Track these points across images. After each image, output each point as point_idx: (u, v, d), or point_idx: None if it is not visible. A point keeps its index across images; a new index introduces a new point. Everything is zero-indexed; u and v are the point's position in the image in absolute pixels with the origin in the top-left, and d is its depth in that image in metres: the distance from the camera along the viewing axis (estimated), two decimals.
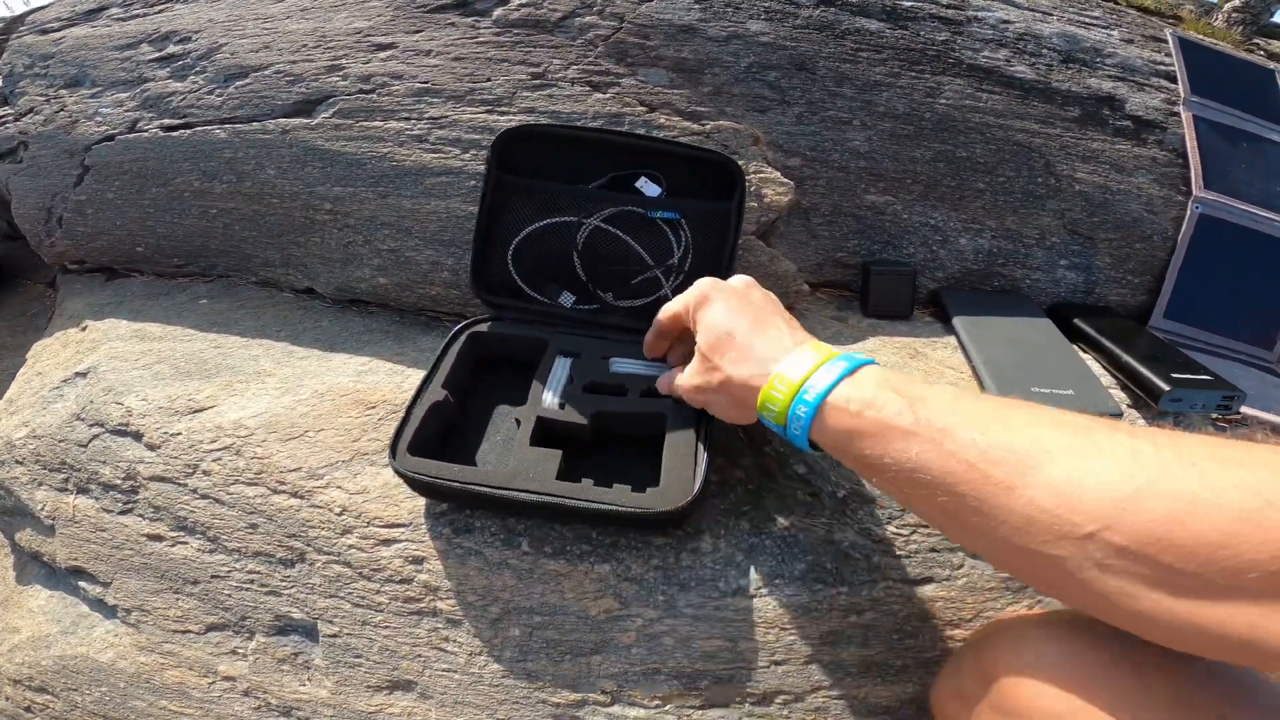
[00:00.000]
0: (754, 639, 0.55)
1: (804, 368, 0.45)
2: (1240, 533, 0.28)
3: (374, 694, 0.56)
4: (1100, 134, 0.88)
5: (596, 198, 0.71)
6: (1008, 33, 0.91)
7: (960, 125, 0.84)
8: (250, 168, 0.82)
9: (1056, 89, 0.88)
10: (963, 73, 0.86)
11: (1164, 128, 0.91)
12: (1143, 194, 0.88)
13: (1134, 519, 0.30)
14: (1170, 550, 0.29)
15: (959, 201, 0.84)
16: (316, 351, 0.76)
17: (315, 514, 0.60)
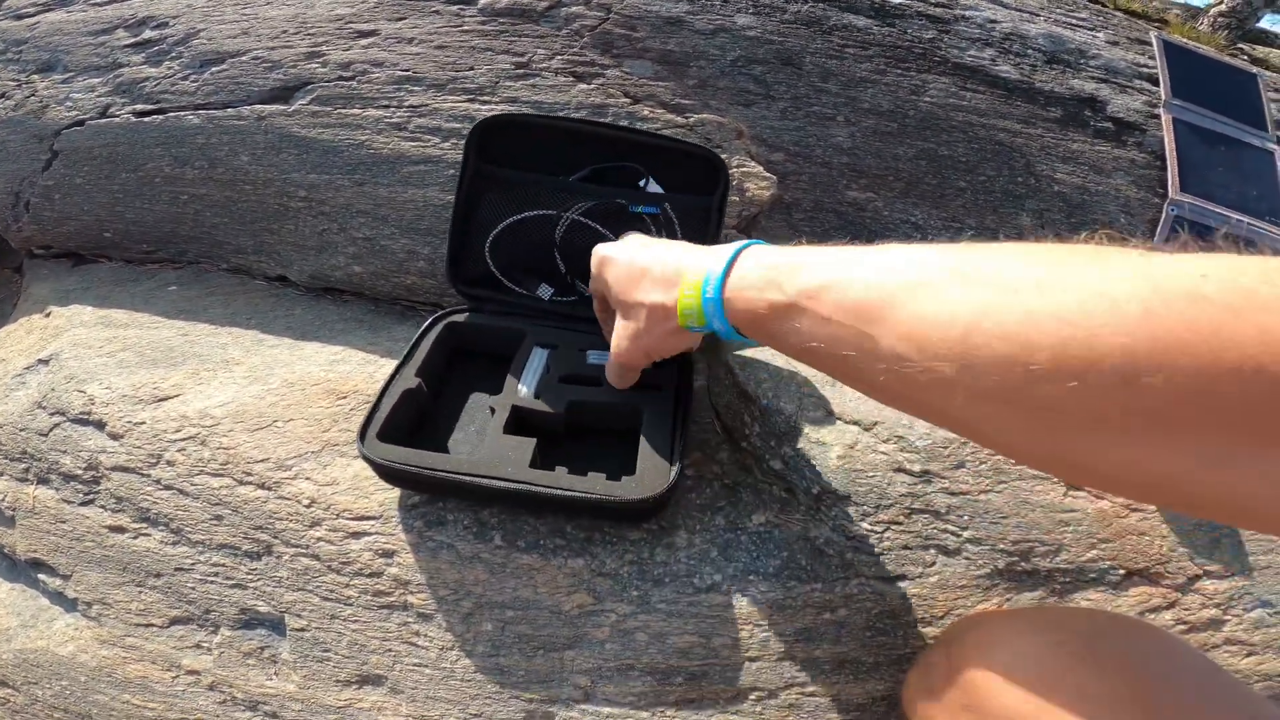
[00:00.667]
0: (728, 635, 0.55)
1: (700, 265, 0.45)
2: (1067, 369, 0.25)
3: (343, 688, 0.56)
4: (1081, 135, 0.89)
5: (576, 190, 0.70)
6: (994, 32, 0.91)
7: (944, 124, 0.84)
8: (223, 154, 0.81)
9: (1040, 89, 0.89)
10: (948, 71, 0.86)
11: (1144, 130, 0.92)
12: (1120, 195, 0.89)
13: (976, 357, 0.28)
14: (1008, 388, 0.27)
15: (940, 199, 0.84)
16: (288, 340, 0.75)
17: (283, 506, 0.59)
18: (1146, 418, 0.23)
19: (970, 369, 0.28)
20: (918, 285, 0.31)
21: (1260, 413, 0.20)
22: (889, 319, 0.32)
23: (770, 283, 0.40)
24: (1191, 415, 0.22)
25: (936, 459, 0.59)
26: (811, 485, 0.59)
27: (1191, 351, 0.21)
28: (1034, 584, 0.57)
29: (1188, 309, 0.22)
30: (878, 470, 0.59)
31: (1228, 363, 0.20)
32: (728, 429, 0.66)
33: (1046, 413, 0.26)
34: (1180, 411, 0.22)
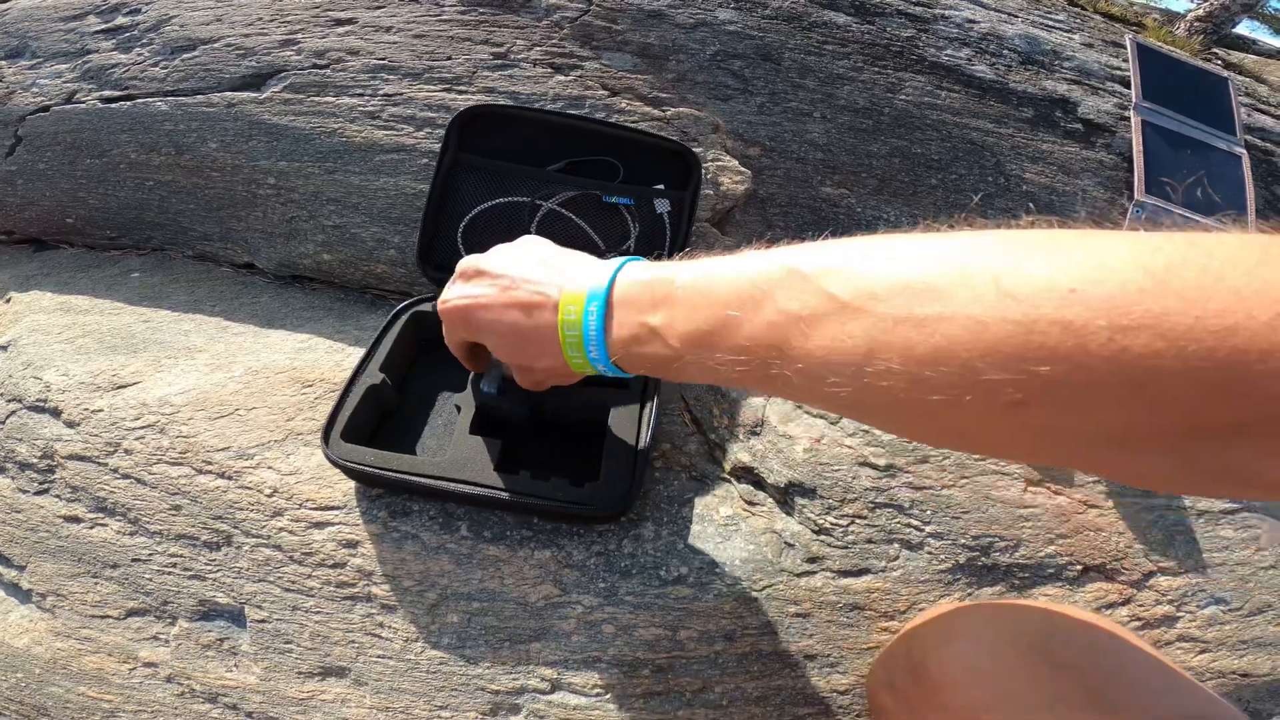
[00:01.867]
0: (694, 628, 0.55)
1: (584, 281, 0.40)
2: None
3: (305, 680, 0.55)
4: (1051, 136, 0.90)
5: (553, 180, 0.69)
6: (972, 32, 0.92)
7: (918, 122, 0.85)
8: (191, 140, 0.80)
9: (1013, 89, 0.90)
10: (925, 70, 0.87)
11: (1113, 131, 0.93)
12: (1088, 196, 0.90)
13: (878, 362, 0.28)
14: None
15: (912, 197, 0.84)
16: (252, 327, 0.74)
17: (244, 495, 0.58)
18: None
19: (877, 373, 0.27)
20: (816, 320, 0.29)
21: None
22: (797, 357, 0.30)
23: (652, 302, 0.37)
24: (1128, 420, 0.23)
25: (901, 453, 0.60)
26: (779, 478, 0.59)
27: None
28: (994, 579, 0.58)
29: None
30: (843, 464, 0.59)
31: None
32: (696, 420, 0.66)
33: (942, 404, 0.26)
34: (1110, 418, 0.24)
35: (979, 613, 0.45)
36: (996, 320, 0.23)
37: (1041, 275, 0.24)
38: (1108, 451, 0.24)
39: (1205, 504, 0.66)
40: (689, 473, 0.62)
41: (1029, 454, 0.30)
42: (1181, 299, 0.21)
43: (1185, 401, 0.21)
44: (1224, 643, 0.60)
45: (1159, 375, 0.21)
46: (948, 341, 0.24)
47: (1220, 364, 0.20)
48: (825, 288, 0.29)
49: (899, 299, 0.26)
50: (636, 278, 0.40)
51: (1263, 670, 0.60)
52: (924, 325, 0.25)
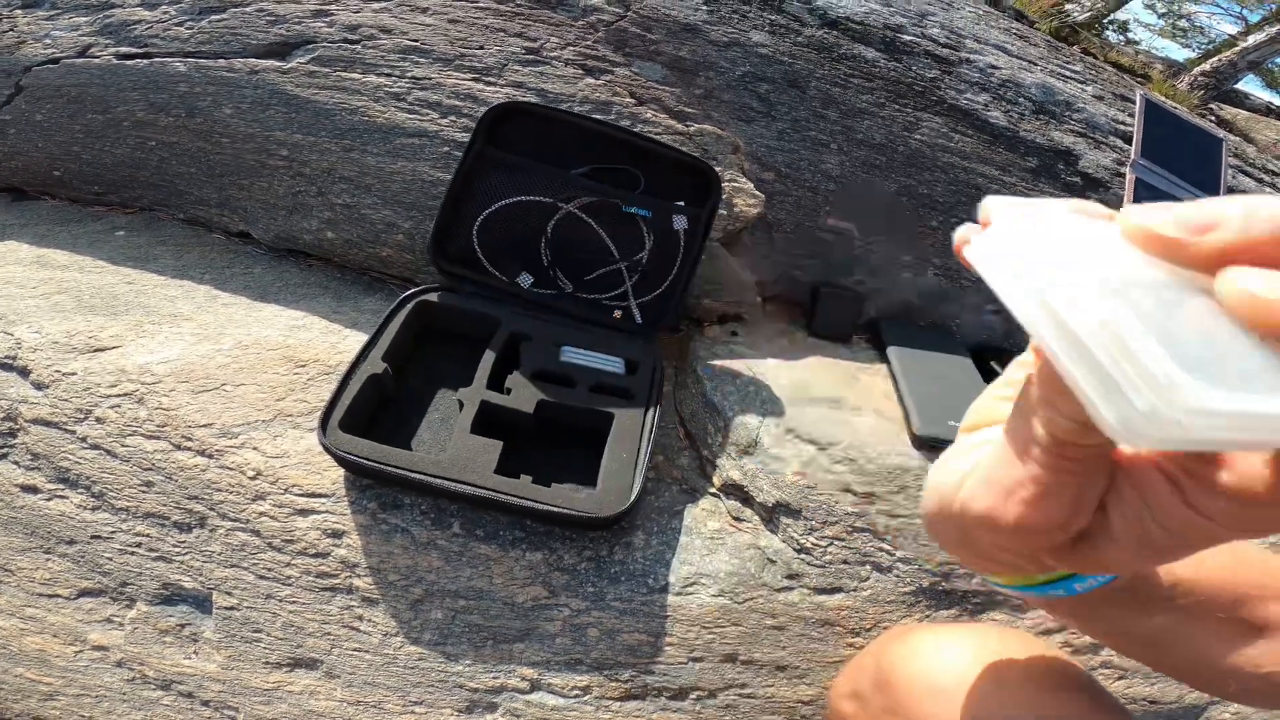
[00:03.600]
0: (676, 635, 0.51)
1: None
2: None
3: (272, 670, 0.48)
4: (1050, 187, 0.87)
5: (575, 184, 0.64)
6: (993, 78, 0.89)
7: (929, 163, 0.81)
8: (205, 104, 0.70)
9: (1023, 138, 0.87)
10: (943, 111, 0.84)
11: (1108, 187, 0.90)
12: None
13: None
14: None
15: (912, 237, 0.81)
16: (244, 299, 0.65)
17: (224, 476, 0.50)
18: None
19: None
20: None
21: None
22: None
23: None
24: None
25: (881, 483, 0.57)
26: (767, 497, 0.56)
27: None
28: (950, 603, 0.57)
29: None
30: (828, 488, 0.57)
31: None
32: (691, 436, 0.62)
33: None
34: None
35: (942, 634, 0.44)
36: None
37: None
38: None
39: None
40: (680, 485, 0.58)
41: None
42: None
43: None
44: (1139, 670, 0.61)
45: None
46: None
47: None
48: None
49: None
50: None
51: (1170, 698, 0.61)
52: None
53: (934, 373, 0.69)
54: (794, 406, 0.61)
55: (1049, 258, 0.16)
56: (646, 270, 0.65)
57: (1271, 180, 1.08)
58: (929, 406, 0.62)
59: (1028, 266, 0.16)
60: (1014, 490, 0.19)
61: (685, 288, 0.64)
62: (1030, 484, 0.19)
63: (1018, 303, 0.15)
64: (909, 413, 0.61)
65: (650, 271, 0.65)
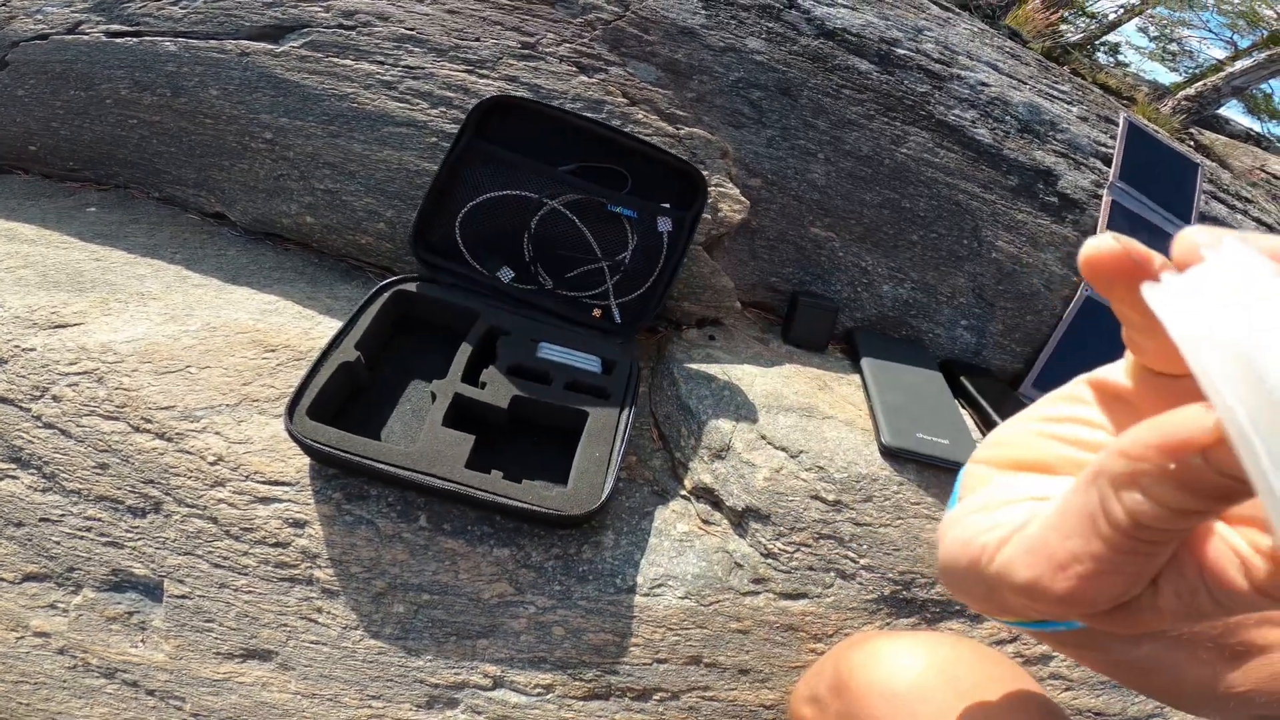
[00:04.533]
0: (641, 636, 0.50)
1: None
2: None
3: (223, 661, 0.46)
4: (1029, 206, 0.87)
5: (562, 181, 0.63)
6: (982, 95, 0.89)
7: (913, 177, 0.81)
8: (192, 84, 0.68)
9: (1005, 156, 0.87)
10: (931, 126, 0.84)
11: (1084, 208, 0.90)
12: (1046, 270, 0.87)
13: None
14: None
15: (892, 250, 0.82)
16: (215, 281, 0.62)
17: (182, 460, 0.48)
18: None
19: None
20: None
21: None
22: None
23: None
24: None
25: (849, 491, 0.58)
26: (737, 501, 0.56)
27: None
28: (910, 611, 0.57)
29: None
30: (797, 495, 0.57)
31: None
32: (664, 438, 0.62)
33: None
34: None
35: (899, 641, 0.45)
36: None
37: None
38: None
39: None
40: (652, 486, 0.58)
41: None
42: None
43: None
44: (1085, 682, 0.62)
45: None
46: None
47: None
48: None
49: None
50: None
51: (1114, 710, 0.62)
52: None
53: (904, 385, 0.69)
54: (767, 413, 0.61)
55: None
56: (628, 270, 0.64)
57: (1244, 206, 1.11)
58: (897, 418, 0.62)
59: (1253, 338, 0.12)
60: (1068, 565, 0.17)
61: (666, 290, 0.64)
62: (1090, 561, 0.17)
63: (1220, 377, 0.12)
64: (878, 424, 0.61)
65: (632, 272, 0.64)
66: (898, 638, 0.45)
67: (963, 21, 1.04)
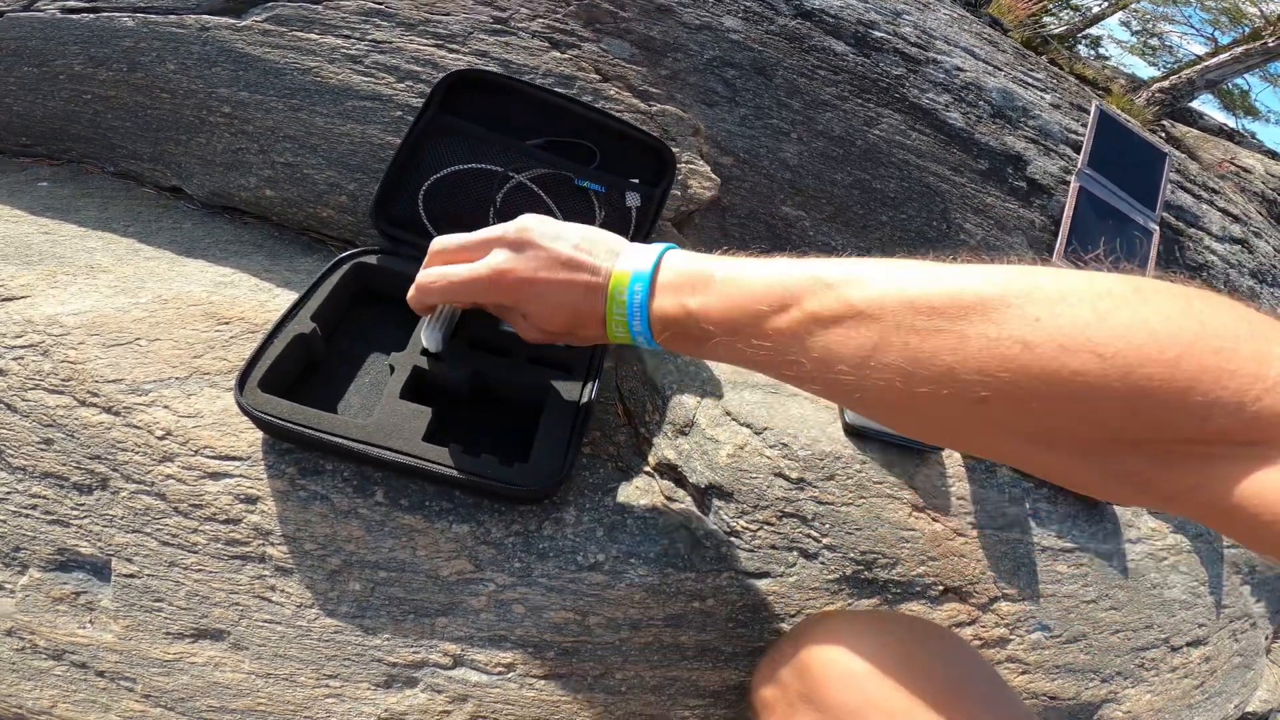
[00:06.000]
0: (603, 615, 0.51)
1: (628, 260, 0.42)
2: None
3: (174, 641, 0.46)
4: (998, 190, 0.90)
5: (529, 155, 0.63)
6: (957, 79, 0.91)
7: (884, 158, 0.83)
8: (149, 59, 0.67)
9: (977, 140, 0.89)
10: (904, 109, 0.85)
11: (1051, 194, 0.92)
12: (1013, 253, 0.89)
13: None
14: None
15: (861, 230, 0.83)
16: (169, 254, 0.62)
17: (130, 435, 0.48)
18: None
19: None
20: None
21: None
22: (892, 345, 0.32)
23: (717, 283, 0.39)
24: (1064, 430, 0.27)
25: (812, 469, 0.58)
26: (700, 479, 0.56)
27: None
28: (872, 591, 0.58)
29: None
30: (760, 472, 0.57)
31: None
32: (629, 413, 0.62)
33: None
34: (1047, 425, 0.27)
35: (859, 621, 0.46)
36: (975, 335, 0.28)
37: (1014, 305, 0.28)
38: (1044, 451, 0.28)
39: (1049, 540, 0.69)
40: (615, 463, 0.58)
41: (984, 447, 0.34)
42: (1114, 334, 0.25)
43: (1103, 414, 0.25)
44: (1042, 666, 0.63)
45: (1087, 390, 0.25)
46: (935, 348, 0.28)
47: (1133, 387, 0.24)
48: (845, 296, 0.33)
49: (904, 312, 0.30)
50: (679, 265, 0.42)
51: (1068, 694, 0.63)
52: (918, 333, 0.29)
53: None
54: (732, 389, 0.61)
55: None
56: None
57: (1210, 197, 1.14)
58: None
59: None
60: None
61: None
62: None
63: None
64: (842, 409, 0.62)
65: None
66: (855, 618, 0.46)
67: (943, 7, 1.05)
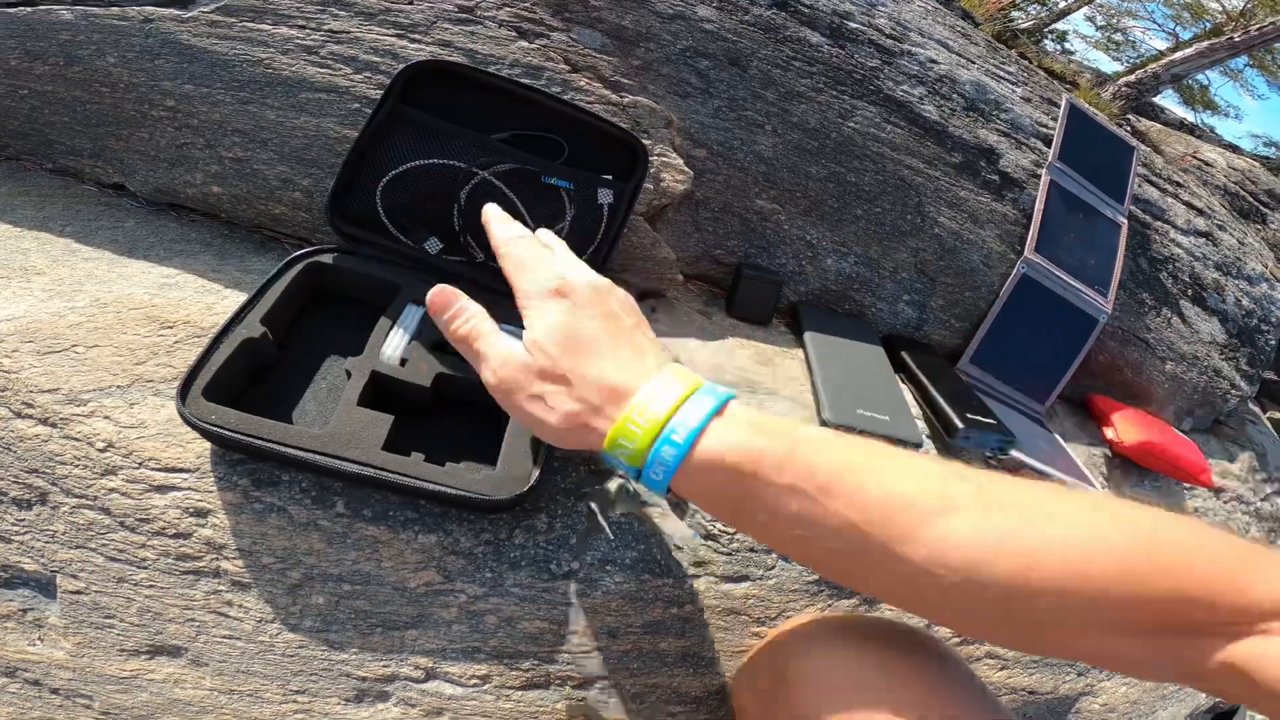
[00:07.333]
0: (579, 624, 0.50)
1: (670, 399, 0.36)
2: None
3: (129, 658, 0.45)
4: (971, 184, 0.91)
5: (494, 149, 0.62)
6: (931, 72, 0.92)
7: (859, 151, 0.84)
8: (87, 53, 0.65)
9: (951, 133, 0.90)
10: (879, 101, 0.85)
11: (1023, 187, 0.94)
12: (986, 247, 0.91)
13: (991, 572, 0.33)
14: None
15: (837, 224, 0.83)
16: (109, 254, 0.59)
17: (69, 447, 0.46)
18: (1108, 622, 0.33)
19: (978, 581, 0.33)
20: (950, 511, 0.34)
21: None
22: (919, 538, 0.34)
23: (767, 451, 0.35)
24: (1136, 618, 0.33)
25: None
26: None
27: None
28: (850, 592, 0.59)
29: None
30: None
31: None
32: None
33: (1033, 615, 0.34)
34: (1127, 616, 0.32)
35: (834, 627, 0.46)
36: (1036, 564, 0.33)
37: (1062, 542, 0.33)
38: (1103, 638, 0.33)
39: None
40: (589, 466, 0.58)
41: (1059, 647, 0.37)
42: (1159, 571, 0.32)
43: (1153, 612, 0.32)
44: (1020, 660, 0.65)
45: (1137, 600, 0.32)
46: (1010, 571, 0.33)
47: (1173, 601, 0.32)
48: (915, 546, 0.34)
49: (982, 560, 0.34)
50: (741, 446, 0.36)
51: (1046, 688, 0.65)
52: (1003, 554, 0.34)
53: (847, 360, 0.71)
54: None
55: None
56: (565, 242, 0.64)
57: (1175, 191, 1.17)
58: (839, 394, 0.63)
59: None
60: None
61: (604, 264, 0.64)
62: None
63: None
64: (819, 399, 0.63)
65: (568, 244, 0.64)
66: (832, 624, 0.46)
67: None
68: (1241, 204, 1.98)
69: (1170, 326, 1.03)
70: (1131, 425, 0.92)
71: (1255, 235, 1.32)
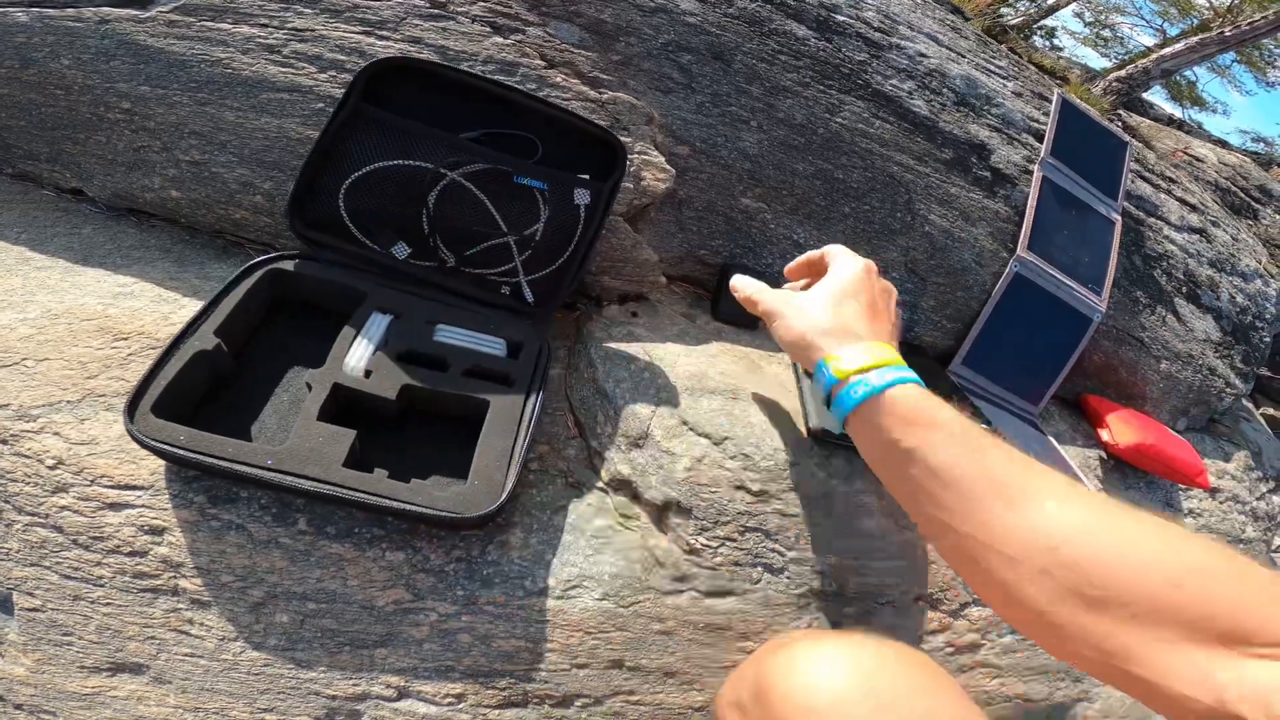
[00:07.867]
0: (557, 641, 0.50)
1: (883, 355, 0.48)
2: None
3: (90, 675, 0.44)
4: (962, 180, 0.89)
5: (463, 149, 0.60)
6: (920, 66, 0.90)
7: (847, 147, 0.82)
8: (41, 55, 0.63)
9: (941, 129, 0.88)
10: (867, 96, 0.84)
11: (1015, 183, 0.92)
12: (977, 245, 0.89)
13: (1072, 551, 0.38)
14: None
15: (824, 221, 0.82)
16: (63, 262, 0.58)
17: (19, 465, 0.45)
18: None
19: (1073, 544, 0.38)
20: (1054, 497, 0.40)
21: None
22: (1030, 506, 0.40)
23: (943, 407, 0.45)
24: (1201, 620, 0.34)
25: (775, 480, 0.58)
26: (656, 495, 0.55)
27: None
28: (841, 603, 0.58)
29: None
30: (720, 486, 0.56)
31: None
32: (580, 424, 0.60)
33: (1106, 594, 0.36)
34: (1192, 617, 0.34)
35: (820, 647, 0.45)
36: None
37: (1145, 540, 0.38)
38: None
39: None
40: (566, 478, 0.57)
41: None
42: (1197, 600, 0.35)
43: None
44: (1014, 669, 0.64)
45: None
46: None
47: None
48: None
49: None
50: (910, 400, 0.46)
51: (1040, 695, 0.64)
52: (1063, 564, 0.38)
53: None
54: (690, 396, 0.60)
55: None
56: (539, 246, 0.62)
57: (1168, 186, 1.16)
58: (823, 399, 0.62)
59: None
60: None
61: (582, 266, 0.62)
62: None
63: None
64: (805, 407, 0.61)
65: (543, 247, 0.62)
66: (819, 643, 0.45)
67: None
68: (1233, 199, 1.98)
69: (1165, 325, 1.02)
70: (1127, 427, 0.91)
71: (1248, 231, 1.32)
